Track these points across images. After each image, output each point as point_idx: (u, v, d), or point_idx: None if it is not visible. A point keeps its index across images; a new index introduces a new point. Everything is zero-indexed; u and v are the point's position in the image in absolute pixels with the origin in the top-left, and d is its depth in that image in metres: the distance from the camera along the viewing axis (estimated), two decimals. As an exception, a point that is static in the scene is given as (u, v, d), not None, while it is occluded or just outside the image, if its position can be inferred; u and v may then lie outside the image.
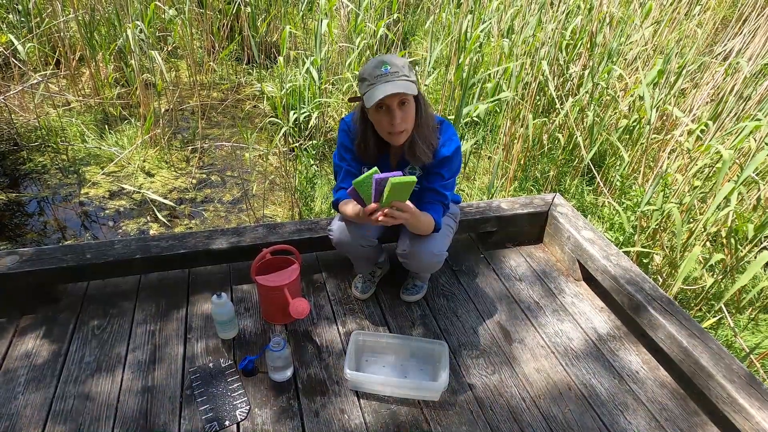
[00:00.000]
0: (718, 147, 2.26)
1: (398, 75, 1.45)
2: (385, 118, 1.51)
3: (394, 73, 1.45)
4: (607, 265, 1.98)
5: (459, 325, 1.93)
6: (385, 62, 1.46)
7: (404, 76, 1.46)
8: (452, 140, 1.65)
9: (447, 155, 1.64)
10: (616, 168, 3.20)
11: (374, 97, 1.44)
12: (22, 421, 1.48)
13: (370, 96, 1.45)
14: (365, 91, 1.48)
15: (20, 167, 3.35)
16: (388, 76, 1.44)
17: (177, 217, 3.04)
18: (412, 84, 1.47)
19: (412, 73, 1.50)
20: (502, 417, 1.58)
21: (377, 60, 1.48)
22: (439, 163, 1.65)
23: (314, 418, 1.54)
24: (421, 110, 1.56)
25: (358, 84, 1.53)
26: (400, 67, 1.46)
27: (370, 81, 1.46)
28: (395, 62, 1.47)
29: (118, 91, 4.02)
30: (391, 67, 1.45)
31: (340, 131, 1.73)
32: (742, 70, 2.64)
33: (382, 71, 1.45)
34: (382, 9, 4.60)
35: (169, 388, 1.60)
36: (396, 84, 1.43)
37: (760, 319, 2.38)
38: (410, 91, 1.45)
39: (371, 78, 1.46)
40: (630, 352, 1.85)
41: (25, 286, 1.84)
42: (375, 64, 1.47)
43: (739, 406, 1.47)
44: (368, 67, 1.48)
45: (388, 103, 1.48)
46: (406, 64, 1.49)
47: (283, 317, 1.85)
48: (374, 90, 1.45)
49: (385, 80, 1.44)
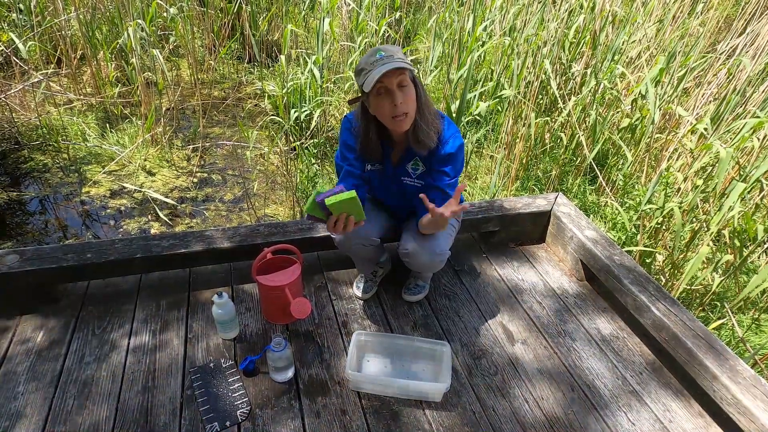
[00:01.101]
0: (717, 145, 2.24)
1: (393, 59, 1.47)
2: (387, 102, 1.51)
3: (389, 56, 1.48)
4: (610, 265, 1.97)
5: (461, 325, 1.92)
6: (379, 49, 1.50)
7: (399, 59, 1.48)
8: (455, 137, 1.65)
9: (451, 152, 1.63)
10: (618, 167, 3.19)
11: (373, 78, 1.44)
12: (22, 420, 1.47)
13: (368, 80, 1.46)
14: (363, 79, 1.48)
15: (21, 166, 3.35)
16: (383, 60, 1.47)
17: (178, 216, 3.04)
18: (408, 67, 1.49)
19: (407, 59, 1.52)
20: (505, 418, 1.57)
21: (372, 50, 1.52)
22: (443, 160, 1.64)
23: (315, 419, 1.53)
24: (420, 94, 1.57)
25: (356, 77, 1.54)
26: (395, 52, 1.50)
27: (367, 69, 1.48)
28: (389, 49, 1.50)
29: (119, 90, 4.01)
30: (386, 53, 1.49)
31: (343, 129, 1.72)
32: (745, 68, 2.62)
33: (377, 57, 1.48)
34: (384, 7, 4.59)
35: (169, 388, 1.59)
36: (393, 64, 1.45)
37: (763, 320, 2.37)
38: (408, 67, 1.48)
39: (367, 65, 1.48)
40: (634, 353, 1.84)
41: (26, 285, 1.83)
42: (370, 53, 1.51)
43: (744, 408, 1.45)
44: (364, 58, 1.52)
45: (387, 84, 1.48)
46: (400, 50, 1.53)
47: (285, 317, 1.84)
48: (372, 73, 1.46)
49: (381, 63, 1.46)
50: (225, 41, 4.68)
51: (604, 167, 3.29)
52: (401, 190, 1.78)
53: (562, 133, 3.29)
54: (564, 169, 3.29)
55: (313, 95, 3.64)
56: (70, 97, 3.97)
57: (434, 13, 4.60)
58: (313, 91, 3.65)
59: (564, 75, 3.50)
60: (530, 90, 3.07)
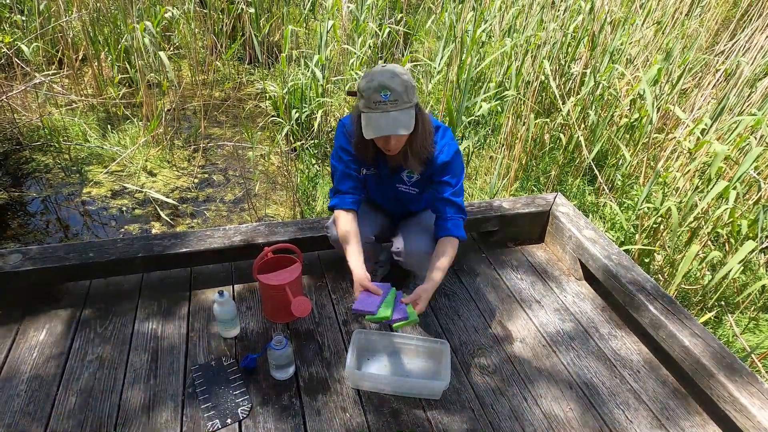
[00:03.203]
0: (713, 143, 2.26)
1: (397, 104, 1.42)
2: (380, 139, 1.53)
3: (394, 101, 1.42)
4: (608, 264, 1.98)
5: (460, 324, 1.93)
6: (385, 87, 1.41)
7: (404, 103, 1.43)
8: (450, 145, 1.64)
9: (446, 160, 1.64)
10: (617, 167, 3.20)
11: (369, 131, 1.45)
12: (25, 419, 1.49)
13: (365, 124, 1.46)
14: (362, 111, 1.48)
15: (23, 167, 3.36)
16: (386, 104, 1.42)
17: (179, 217, 3.05)
18: (409, 113, 1.46)
19: (414, 93, 1.47)
20: (504, 416, 1.59)
21: (378, 82, 1.42)
22: (441, 170, 1.65)
23: (316, 417, 1.54)
24: (418, 124, 1.53)
25: (357, 93, 1.51)
26: (400, 93, 1.42)
27: (368, 105, 1.44)
28: (395, 88, 1.42)
29: (122, 91, 4.02)
30: (392, 94, 1.41)
31: (338, 133, 1.71)
32: (742, 69, 2.63)
33: (381, 98, 1.42)
34: (384, 8, 4.60)
35: (171, 387, 1.61)
36: (392, 119, 1.43)
37: (761, 319, 2.38)
38: (406, 130, 1.45)
39: (369, 102, 1.44)
40: (631, 351, 1.85)
41: (28, 284, 1.84)
42: (375, 87, 1.42)
43: (741, 406, 1.47)
44: (368, 88, 1.43)
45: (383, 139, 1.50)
46: (407, 86, 1.44)
47: (285, 316, 1.85)
48: (370, 119, 1.44)
49: (383, 109, 1.42)
50: (226, 42, 4.70)
51: (603, 167, 3.31)
52: (396, 195, 1.80)
53: (561, 134, 3.30)
54: (563, 169, 3.31)
55: (314, 95, 3.66)
56: (72, 98, 3.98)
57: (433, 13, 4.61)
58: (314, 92, 3.66)
59: (564, 76, 3.51)
60: (530, 90, 3.08)
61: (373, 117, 1.44)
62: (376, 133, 1.45)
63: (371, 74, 1.45)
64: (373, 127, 1.45)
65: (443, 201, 1.68)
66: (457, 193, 1.68)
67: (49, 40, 4.19)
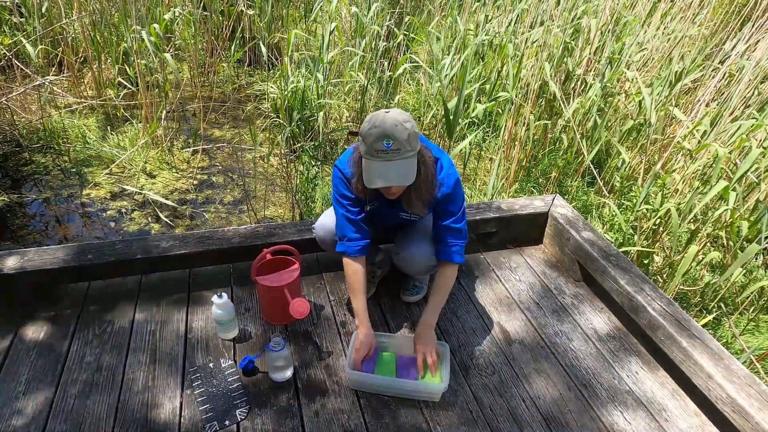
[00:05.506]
0: (713, 144, 2.26)
1: (399, 154, 1.41)
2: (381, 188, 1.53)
3: (396, 151, 1.40)
4: (606, 266, 1.98)
5: (459, 325, 1.93)
6: (387, 136, 1.39)
7: (407, 152, 1.42)
8: (450, 175, 1.63)
9: (448, 192, 1.63)
10: (617, 169, 3.20)
11: (370, 180, 1.45)
12: (23, 420, 1.49)
13: (366, 173, 1.46)
14: (362, 156, 1.47)
15: (22, 168, 3.37)
16: (388, 153, 1.40)
17: (178, 218, 3.05)
18: (411, 163, 1.45)
19: (417, 141, 1.46)
20: (502, 417, 1.59)
21: (380, 131, 1.40)
22: (443, 200, 1.65)
23: (314, 418, 1.54)
24: (420, 170, 1.52)
25: (359, 137, 1.48)
26: (403, 143, 1.40)
27: (370, 152, 1.43)
28: (398, 137, 1.40)
29: (121, 93, 4.03)
30: (394, 143, 1.40)
31: (335, 178, 1.67)
32: (745, 71, 2.64)
33: (384, 146, 1.40)
34: (384, 9, 4.60)
35: (169, 388, 1.61)
36: (394, 169, 1.42)
37: (760, 320, 2.38)
38: (408, 180, 1.45)
39: (371, 150, 1.42)
40: (629, 353, 1.85)
41: (27, 286, 1.85)
42: (377, 135, 1.40)
43: (739, 407, 1.47)
44: (371, 134, 1.42)
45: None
46: (410, 134, 1.42)
47: (284, 317, 1.85)
48: (371, 167, 1.44)
49: (385, 158, 1.41)
50: (225, 43, 4.70)
51: (602, 169, 3.31)
52: (398, 222, 1.81)
53: (563, 134, 3.30)
54: (563, 170, 3.31)
55: (315, 98, 3.66)
56: (71, 100, 3.99)
57: (433, 15, 4.62)
58: (315, 93, 3.66)
59: (568, 79, 3.51)
60: (529, 91, 3.08)
61: (375, 166, 1.43)
62: (377, 183, 1.44)
63: (374, 119, 1.43)
64: (375, 176, 1.44)
65: (446, 229, 1.69)
66: (459, 220, 1.68)
67: (50, 41, 4.20)
